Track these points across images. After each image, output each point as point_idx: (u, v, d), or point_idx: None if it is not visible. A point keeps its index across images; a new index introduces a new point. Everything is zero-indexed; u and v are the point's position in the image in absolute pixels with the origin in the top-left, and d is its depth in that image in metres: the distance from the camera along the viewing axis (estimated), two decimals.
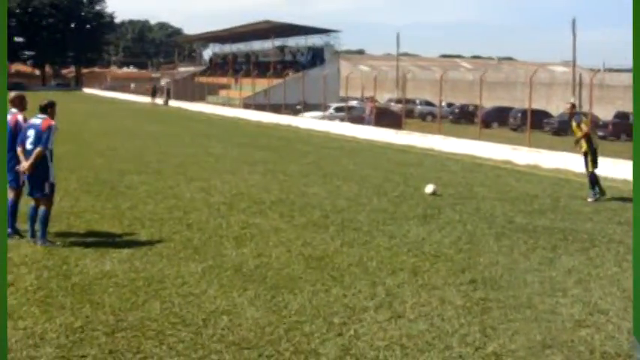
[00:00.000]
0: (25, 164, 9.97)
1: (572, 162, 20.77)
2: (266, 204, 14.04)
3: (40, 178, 10.08)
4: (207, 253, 9.98)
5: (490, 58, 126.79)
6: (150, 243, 10.45)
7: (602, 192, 15.81)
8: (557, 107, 50.19)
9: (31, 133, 10.00)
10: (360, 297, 8.15)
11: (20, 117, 10.54)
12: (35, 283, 8.36)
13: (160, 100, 72.48)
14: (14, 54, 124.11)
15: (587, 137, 15.87)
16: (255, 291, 8.22)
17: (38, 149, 9.91)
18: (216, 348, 6.49)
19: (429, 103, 57.53)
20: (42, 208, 10.14)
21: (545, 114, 46.37)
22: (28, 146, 9.97)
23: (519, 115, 45.82)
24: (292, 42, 79.45)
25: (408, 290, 8.47)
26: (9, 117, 10.56)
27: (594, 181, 15.87)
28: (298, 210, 13.47)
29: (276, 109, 48.20)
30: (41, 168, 10.05)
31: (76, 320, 7.09)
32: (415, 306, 7.87)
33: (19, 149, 10.06)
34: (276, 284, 8.53)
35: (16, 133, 10.32)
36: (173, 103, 69.93)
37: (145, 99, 76.47)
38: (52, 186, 10.28)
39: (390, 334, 6.97)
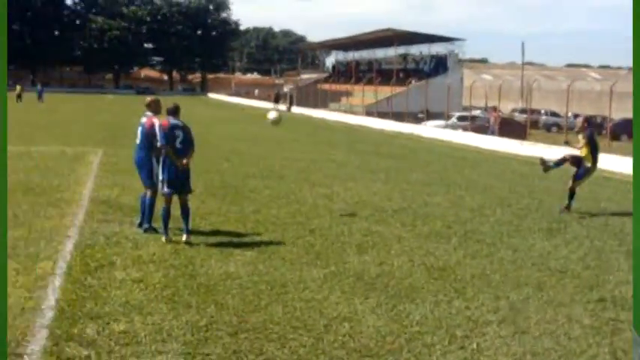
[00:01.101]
0: (184, 161, 10.63)
1: None
2: (388, 212, 13.99)
3: (189, 176, 10.92)
4: (330, 259, 10.03)
5: (620, 68, 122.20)
6: (273, 247, 10.60)
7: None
8: None
9: (179, 133, 10.64)
10: (482, 310, 7.99)
11: (156, 120, 10.97)
12: (163, 280, 8.63)
13: (283, 107, 73.71)
14: (144, 59, 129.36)
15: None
16: (377, 299, 8.20)
17: (193, 149, 10.82)
18: (337, 354, 6.51)
19: (554, 114, 55.95)
20: (187, 204, 10.88)
21: None
22: (178, 145, 10.62)
23: None
24: (415, 50, 79.36)
25: (533, 306, 8.24)
26: (144, 119, 11.12)
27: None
28: (420, 219, 13.36)
29: (398, 117, 48.09)
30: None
31: (201, 319, 7.27)
32: (540, 322, 7.64)
33: (169, 149, 10.56)
34: (398, 293, 8.48)
35: (150, 135, 10.81)
36: (296, 109, 70.92)
37: (269, 105, 77.93)
38: None
39: (514, 350, 6.79)
